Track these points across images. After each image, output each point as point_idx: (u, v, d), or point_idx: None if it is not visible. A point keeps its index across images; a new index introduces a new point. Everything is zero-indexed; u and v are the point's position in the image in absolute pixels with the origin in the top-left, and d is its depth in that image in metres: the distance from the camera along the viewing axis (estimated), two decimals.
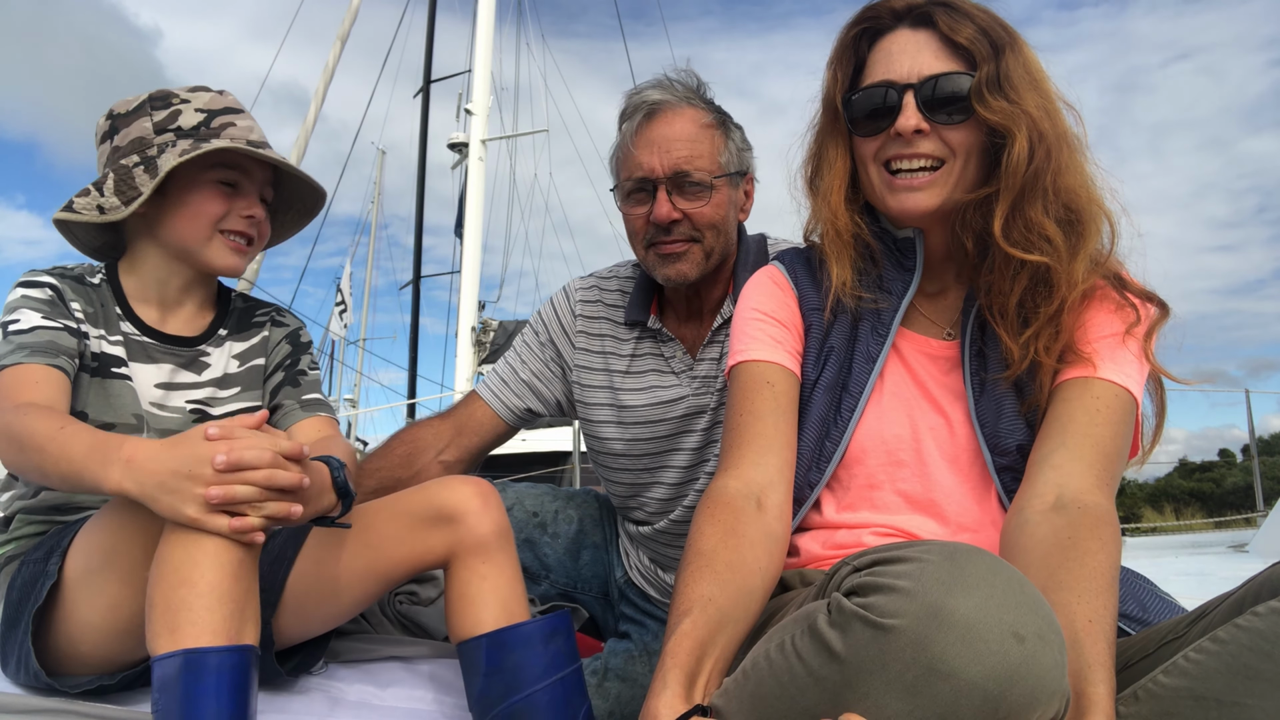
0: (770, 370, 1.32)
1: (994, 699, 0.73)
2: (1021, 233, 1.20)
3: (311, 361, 1.65)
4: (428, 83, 14.72)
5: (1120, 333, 1.21)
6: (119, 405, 1.41)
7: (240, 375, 1.57)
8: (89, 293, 1.46)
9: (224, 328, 1.58)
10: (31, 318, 1.36)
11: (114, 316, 1.47)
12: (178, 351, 1.51)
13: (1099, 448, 1.15)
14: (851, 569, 0.85)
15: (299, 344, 1.64)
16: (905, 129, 1.23)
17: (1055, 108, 1.24)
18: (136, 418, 1.42)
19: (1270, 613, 0.82)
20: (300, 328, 1.67)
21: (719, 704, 0.92)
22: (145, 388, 1.46)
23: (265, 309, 1.66)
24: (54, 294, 1.41)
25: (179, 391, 1.50)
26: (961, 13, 1.23)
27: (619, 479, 1.93)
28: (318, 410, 1.57)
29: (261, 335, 1.61)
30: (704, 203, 1.71)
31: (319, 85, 8.57)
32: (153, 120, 1.47)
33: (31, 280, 1.42)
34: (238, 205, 1.48)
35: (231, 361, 1.57)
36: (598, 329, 1.93)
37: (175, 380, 1.50)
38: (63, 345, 1.35)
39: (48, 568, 1.24)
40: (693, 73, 1.82)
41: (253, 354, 1.59)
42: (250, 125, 1.50)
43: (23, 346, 1.32)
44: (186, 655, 1.02)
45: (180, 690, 1.01)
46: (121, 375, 1.43)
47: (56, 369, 1.32)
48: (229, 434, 1.08)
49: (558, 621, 1.35)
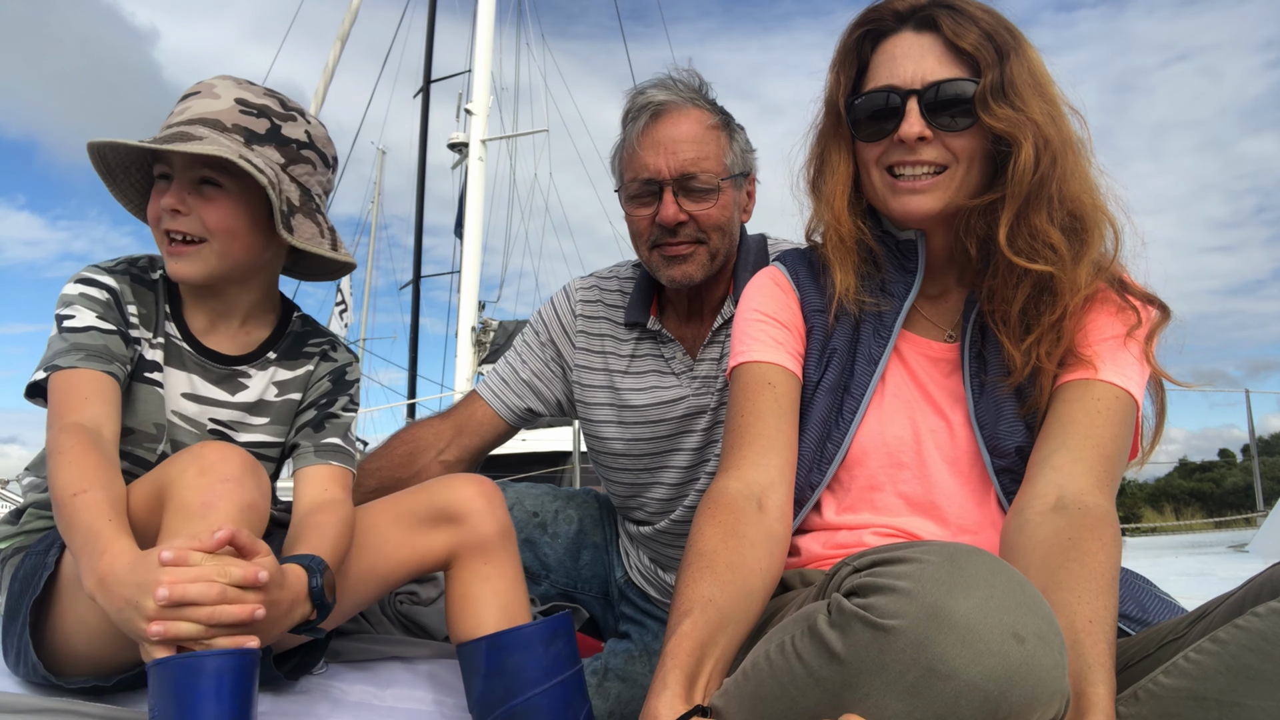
0: (771, 371, 1.32)
1: (994, 700, 0.73)
2: (1026, 240, 1.19)
3: (349, 403, 1.54)
4: (428, 83, 14.72)
5: (1121, 335, 1.21)
6: (143, 412, 1.38)
7: (274, 406, 1.49)
8: (145, 292, 1.41)
9: (274, 350, 1.50)
10: (87, 316, 1.33)
11: (162, 317, 1.42)
12: (212, 367, 1.45)
13: (1099, 449, 1.15)
14: (851, 569, 0.85)
15: (341, 382, 1.53)
16: (909, 136, 1.22)
17: (1060, 112, 1.23)
18: (157, 426, 1.39)
19: (1270, 613, 0.82)
20: (349, 364, 1.56)
21: (719, 704, 0.92)
22: (173, 395, 1.42)
23: (321, 340, 1.56)
24: (110, 297, 1.36)
25: (205, 407, 1.44)
26: (965, 15, 1.22)
27: (619, 479, 1.93)
28: (332, 459, 1.44)
29: (306, 369, 1.52)
30: (710, 204, 1.71)
31: (319, 85, 8.58)
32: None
33: (89, 279, 1.37)
34: (162, 201, 1.35)
35: (271, 388, 1.49)
36: (598, 329, 1.93)
37: (202, 394, 1.44)
38: (115, 351, 1.32)
39: (46, 560, 1.23)
40: (695, 73, 1.81)
41: (293, 386, 1.51)
42: (185, 107, 1.36)
43: (78, 347, 1.29)
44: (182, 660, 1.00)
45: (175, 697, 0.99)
46: (153, 381, 1.39)
47: (109, 376, 1.29)
48: (181, 559, 1.01)
49: (558, 624, 1.34)
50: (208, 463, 1.12)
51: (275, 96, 1.42)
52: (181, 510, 1.09)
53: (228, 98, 1.37)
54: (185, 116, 1.35)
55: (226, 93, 1.38)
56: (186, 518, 1.08)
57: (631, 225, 1.80)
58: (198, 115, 1.35)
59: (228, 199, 1.37)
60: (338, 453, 1.46)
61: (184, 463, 1.13)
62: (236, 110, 1.37)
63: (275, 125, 1.40)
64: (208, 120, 1.35)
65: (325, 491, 1.40)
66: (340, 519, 1.31)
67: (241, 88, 1.40)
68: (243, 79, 1.43)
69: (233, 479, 1.11)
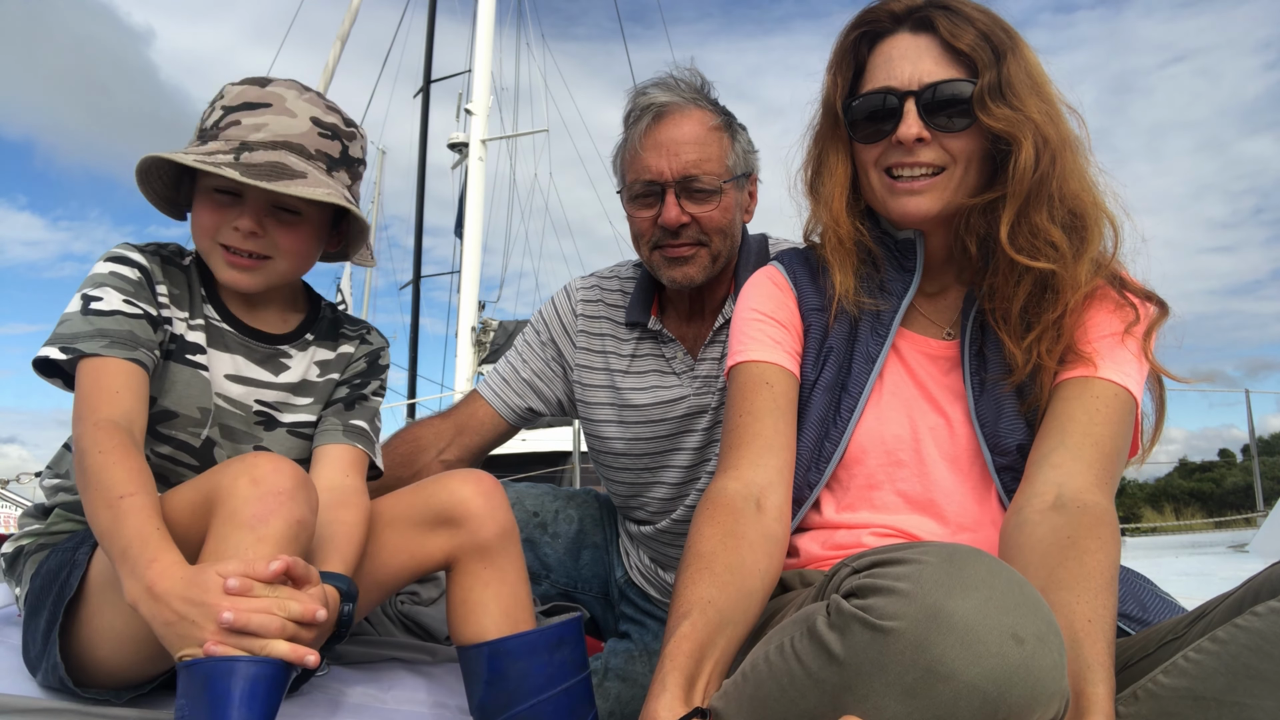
0: (769, 371, 1.32)
1: (993, 701, 0.73)
2: (1027, 239, 1.20)
3: (379, 387, 1.54)
4: (428, 82, 14.71)
5: (1120, 332, 1.21)
6: (186, 396, 1.36)
7: (318, 386, 1.48)
8: (177, 273, 1.40)
9: (311, 332, 1.50)
10: (114, 299, 1.29)
11: (199, 299, 1.40)
12: (255, 346, 1.43)
13: (1099, 447, 1.15)
14: (850, 570, 0.85)
15: (375, 366, 1.55)
16: (906, 137, 1.22)
17: (1058, 111, 1.23)
18: (201, 410, 1.37)
19: (1270, 613, 0.82)
20: (383, 348, 1.58)
21: (718, 706, 0.92)
22: (217, 377, 1.40)
23: (358, 325, 1.57)
24: (142, 275, 1.34)
25: (249, 388, 1.42)
26: (962, 16, 1.22)
27: (620, 479, 1.93)
28: (357, 441, 1.44)
29: (346, 350, 1.52)
30: (712, 206, 1.71)
31: (319, 85, 8.58)
32: (201, 119, 1.39)
33: (122, 256, 1.34)
34: (229, 217, 1.34)
35: (313, 368, 1.49)
36: (598, 329, 1.93)
37: (246, 374, 1.42)
38: (141, 337, 1.28)
39: (76, 557, 1.21)
40: (697, 72, 1.80)
41: (333, 367, 1.51)
42: (261, 123, 1.32)
43: (103, 333, 1.25)
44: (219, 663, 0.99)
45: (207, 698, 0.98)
46: (196, 364, 1.37)
47: (136, 364, 1.26)
48: (245, 589, 1.02)
49: (564, 630, 1.31)
50: (260, 473, 1.10)
51: (336, 111, 1.41)
52: (232, 520, 1.07)
53: (304, 117, 1.35)
54: (264, 137, 1.31)
55: (301, 110, 1.35)
56: (236, 528, 1.07)
57: (633, 226, 1.80)
58: (280, 138, 1.32)
59: (305, 226, 1.39)
60: (362, 436, 1.45)
61: (236, 471, 1.11)
62: (315, 133, 1.35)
63: (345, 147, 1.40)
64: (292, 145, 1.33)
65: (346, 478, 1.39)
66: (362, 519, 1.30)
67: (311, 103, 1.37)
68: (304, 87, 1.40)
69: (285, 493, 1.10)
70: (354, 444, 1.43)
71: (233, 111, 1.33)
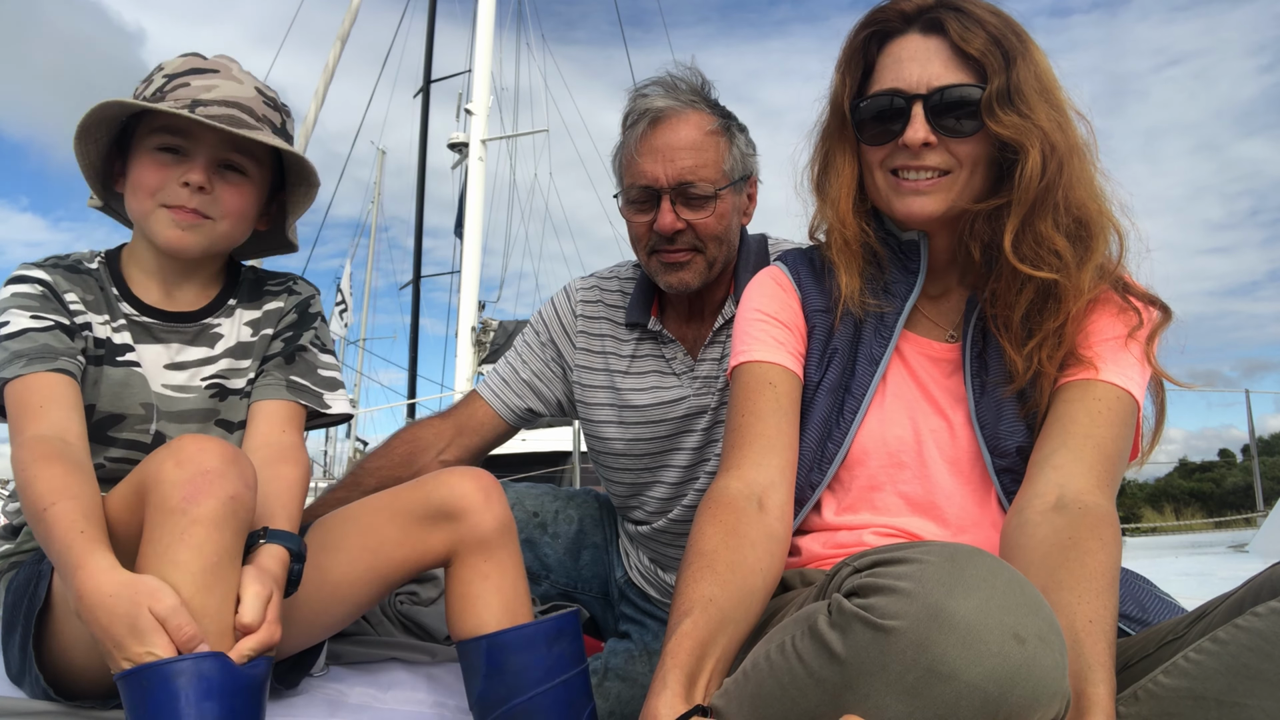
0: (772, 371, 1.32)
1: (994, 700, 0.73)
2: (1031, 247, 1.19)
3: (316, 335, 1.51)
4: (428, 82, 14.73)
5: (1122, 336, 1.21)
6: (126, 395, 1.36)
7: (256, 345, 1.47)
8: (85, 279, 1.39)
9: (234, 297, 1.49)
10: (20, 320, 1.29)
11: (113, 299, 1.40)
12: (182, 328, 1.43)
13: (1100, 449, 1.15)
14: (852, 570, 0.85)
15: (307, 314, 1.52)
16: (913, 141, 1.22)
17: (1067, 118, 1.22)
18: (145, 407, 1.37)
19: (1270, 613, 0.82)
20: (312, 296, 1.55)
21: (719, 704, 0.92)
22: (155, 370, 1.39)
23: (280, 278, 1.55)
24: (44, 288, 1.34)
25: (193, 369, 1.42)
26: (973, 19, 1.21)
27: (619, 478, 1.93)
28: (297, 396, 1.42)
29: (275, 305, 1.51)
30: (708, 213, 1.70)
31: (319, 85, 8.57)
32: (134, 92, 1.39)
33: (21, 276, 1.35)
34: (176, 173, 1.33)
35: (244, 329, 1.47)
36: (598, 329, 1.93)
37: (185, 358, 1.42)
38: (57, 346, 1.28)
39: (41, 569, 1.21)
40: (697, 71, 1.79)
41: (264, 323, 1.49)
42: (211, 85, 1.35)
43: (18, 355, 1.25)
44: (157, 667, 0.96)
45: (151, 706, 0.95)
46: (128, 362, 1.37)
47: (61, 373, 1.25)
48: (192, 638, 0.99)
49: (563, 623, 1.31)
50: (185, 455, 1.07)
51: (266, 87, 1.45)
52: (162, 507, 1.05)
53: (249, 85, 1.39)
54: (215, 96, 1.34)
55: (245, 80, 1.40)
56: (167, 514, 1.04)
57: (630, 230, 1.80)
58: (231, 98, 1.35)
59: (249, 185, 1.40)
60: (302, 391, 1.44)
61: (161, 457, 1.09)
62: (260, 100, 1.39)
63: (284, 120, 1.44)
64: (242, 105, 1.36)
65: (283, 433, 1.39)
66: (302, 475, 1.32)
67: (252, 76, 1.42)
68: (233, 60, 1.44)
69: (213, 471, 1.07)
70: (294, 399, 1.43)
71: (178, 76, 1.36)
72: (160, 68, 1.39)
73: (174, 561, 1.02)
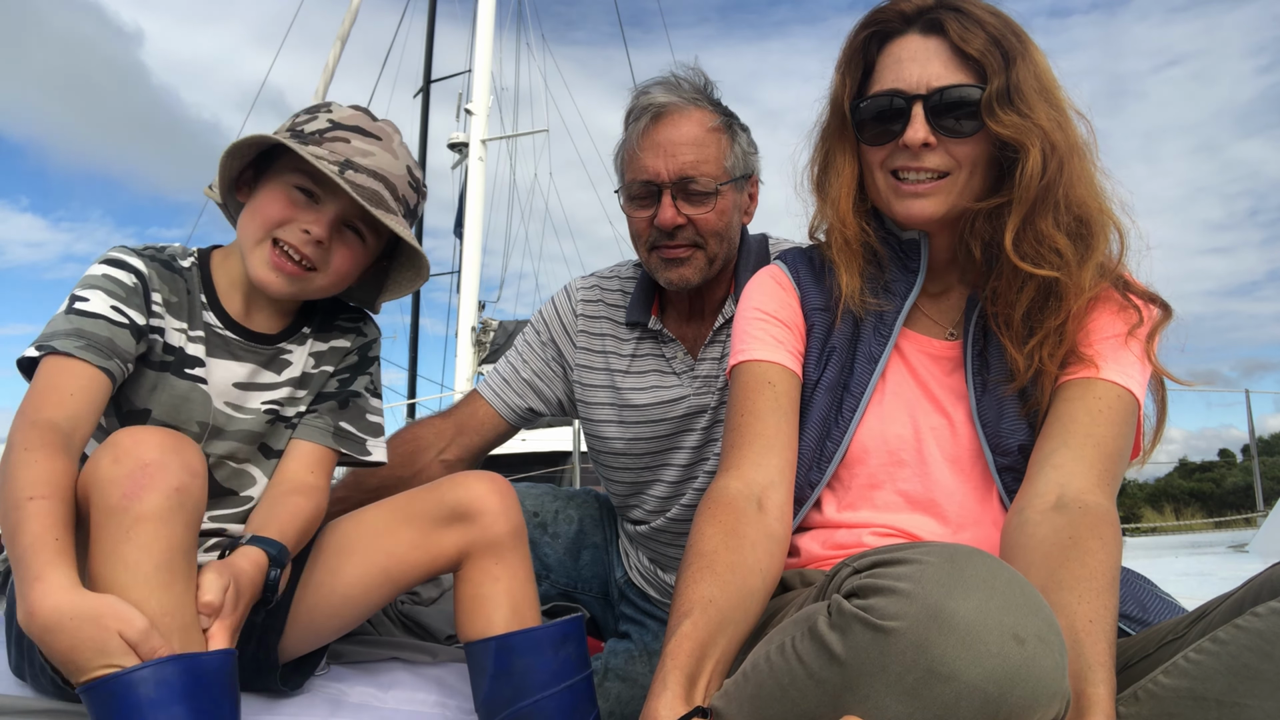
0: (771, 370, 1.32)
1: (994, 701, 0.73)
2: (1032, 245, 1.19)
3: (370, 381, 1.51)
4: (428, 82, 14.73)
5: (1123, 334, 1.21)
6: (185, 410, 1.32)
7: (315, 378, 1.46)
8: (176, 279, 1.36)
9: (308, 325, 1.47)
10: (101, 303, 1.24)
11: (198, 306, 1.37)
12: (260, 349, 1.41)
13: (1101, 448, 1.15)
14: (851, 570, 0.85)
15: (365, 359, 1.52)
16: (913, 142, 1.22)
17: (1067, 117, 1.22)
18: (200, 425, 1.33)
19: (1270, 613, 0.82)
20: (374, 340, 1.54)
21: (719, 705, 0.92)
22: (223, 386, 1.36)
23: (352, 315, 1.53)
24: (138, 281, 1.29)
25: (257, 392, 1.40)
26: (972, 19, 1.21)
27: (619, 478, 1.93)
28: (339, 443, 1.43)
29: (343, 342, 1.50)
30: (708, 209, 1.71)
31: (319, 85, 8.58)
32: (293, 120, 1.39)
33: (118, 260, 1.30)
34: (302, 217, 1.33)
35: (309, 360, 1.46)
36: (599, 329, 1.93)
37: (255, 380, 1.40)
38: (120, 347, 1.23)
39: None
40: (700, 71, 1.80)
41: (328, 359, 1.48)
42: (368, 150, 1.34)
43: (80, 333, 1.20)
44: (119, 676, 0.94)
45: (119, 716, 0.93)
46: (195, 377, 1.33)
47: (103, 373, 1.20)
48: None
49: (569, 627, 1.32)
50: (121, 450, 1.03)
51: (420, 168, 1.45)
52: (103, 507, 1.00)
53: (403, 162, 1.39)
54: (368, 164, 1.34)
55: (402, 156, 1.40)
56: (109, 514, 1.00)
57: (631, 226, 1.80)
58: (382, 171, 1.35)
59: (362, 251, 1.41)
60: (349, 440, 1.44)
61: (98, 455, 1.04)
62: (406, 181, 1.39)
63: (419, 202, 1.45)
64: (389, 182, 1.36)
65: (310, 474, 1.38)
66: (315, 510, 1.31)
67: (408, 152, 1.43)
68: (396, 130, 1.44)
69: (153, 463, 1.02)
70: (336, 447, 1.43)
71: (343, 129, 1.35)
72: (329, 109, 1.39)
73: (123, 562, 0.99)
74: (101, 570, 1.00)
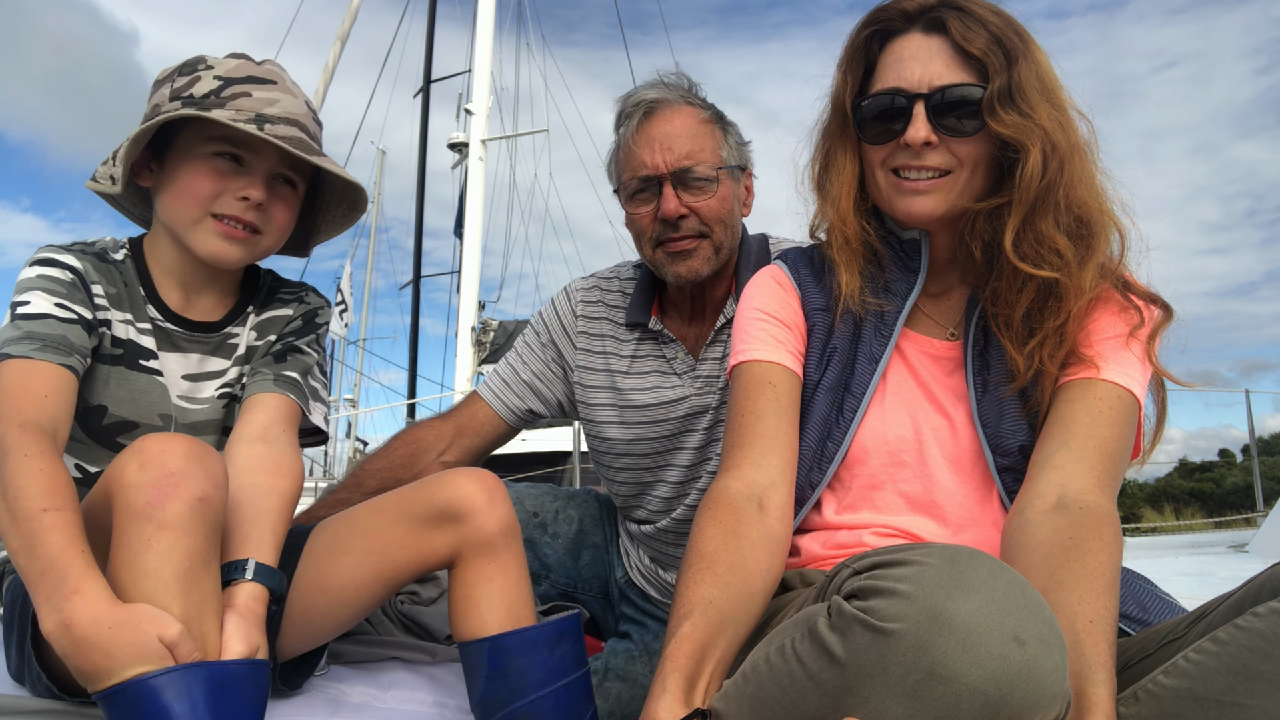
0: (772, 370, 1.32)
1: (995, 703, 0.73)
2: (1032, 246, 1.19)
3: (314, 341, 1.48)
4: (428, 82, 14.73)
5: (1124, 335, 1.21)
6: (145, 403, 1.31)
7: (259, 349, 1.44)
8: (111, 271, 1.33)
9: (252, 304, 1.46)
10: (43, 303, 1.22)
11: (140, 300, 1.34)
12: (204, 339, 1.39)
13: (1101, 448, 1.15)
14: (852, 571, 0.85)
15: (311, 323, 1.50)
16: (915, 140, 1.22)
17: (1068, 117, 1.22)
18: (163, 418, 1.33)
19: (1270, 613, 0.82)
20: (321, 307, 1.53)
21: (719, 707, 0.92)
22: (174, 379, 1.35)
23: (295, 287, 1.53)
24: (74, 276, 1.27)
25: (209, 381, 1.38)
26: (974, 18, 1.21)
27: (621, 478, 1.93)
28: (287, 390, 1.37)
29: (284, 311, 1.48)
30: (709, 196, 1.72)
31: (319, 85, 8.58)
32: (171, 87, 1.33)
33: (50, 258, 1.28)
34: (234, 185, 1.30)
35: (252, 334, 1.44)
36: (599, 329, 1.93)
37: (205, 369, 1.38)
38: (75, 343, 1.22)
39: None
40: (684, 74, 1.83)
41: (271, 327, 1.46)
42: (273, 98, 1.31)
43: (33, 336, 1.18)
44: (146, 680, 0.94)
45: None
46: (150, 369, 1.32)
47: (67, 370, 1.19)
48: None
49: (564, 626, 1.31)
50: (148, 456, 1.03)
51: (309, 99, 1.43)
52: (127, 511, 1.01)
53: (301, 98, 1.37)
54: (278, 112, 1.31)
55: (298, 93, 1.38)
56: (134, 519, 1.01)
57: (633, 225, 1.80)
58: (292, 115, 1.32)
59: (295, 200, 1.40)
60: (293, 386, 1.39)
61: (124, 459, 1.04)
62: (310, 116, 1.38)
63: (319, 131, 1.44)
64: (299, 123, 1.33)
65: (279, 428, 1.33)
66: (295, 488, 1.27)
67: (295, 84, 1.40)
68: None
69: (179, 472, 1.03)
70: (284, 393, 1.37)
71: (236, 83, 1.31)
72: (208, 65, 1.33)
73: (144, 570, 1.00)
74: (122, 575, 1.01)
